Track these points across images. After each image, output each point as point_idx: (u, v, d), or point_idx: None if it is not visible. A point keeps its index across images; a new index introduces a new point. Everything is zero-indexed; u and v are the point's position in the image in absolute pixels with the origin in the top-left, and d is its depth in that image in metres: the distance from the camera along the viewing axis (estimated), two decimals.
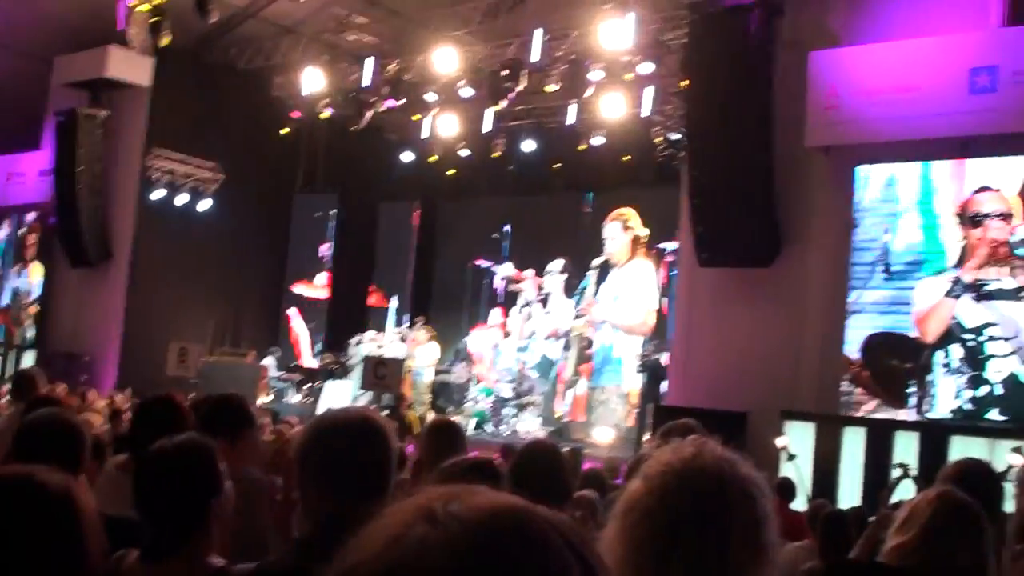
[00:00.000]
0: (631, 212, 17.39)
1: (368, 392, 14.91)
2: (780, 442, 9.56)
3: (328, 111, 17.39)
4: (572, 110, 17.04)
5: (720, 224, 11.45)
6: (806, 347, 11.14)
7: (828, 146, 11.16)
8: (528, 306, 18.79)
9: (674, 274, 14.67)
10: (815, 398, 10.95)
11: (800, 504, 8.17)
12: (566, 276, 18.43)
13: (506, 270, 19.02)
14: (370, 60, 16.41)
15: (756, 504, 1.49)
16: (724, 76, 11.22)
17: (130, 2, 15.53)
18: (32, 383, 5.76)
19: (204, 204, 18.62)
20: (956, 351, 10.14)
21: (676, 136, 16.22)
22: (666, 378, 13.44)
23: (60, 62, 18.29)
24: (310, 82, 16.75)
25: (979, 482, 3.07)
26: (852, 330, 10.82)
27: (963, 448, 8.95)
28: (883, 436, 9.96)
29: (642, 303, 16.80)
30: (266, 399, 16.39)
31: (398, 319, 19.81)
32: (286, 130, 18.40)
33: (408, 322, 19.26)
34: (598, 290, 17.20)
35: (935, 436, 9.61)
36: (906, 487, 6.85)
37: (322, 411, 15.51)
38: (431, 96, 16.43)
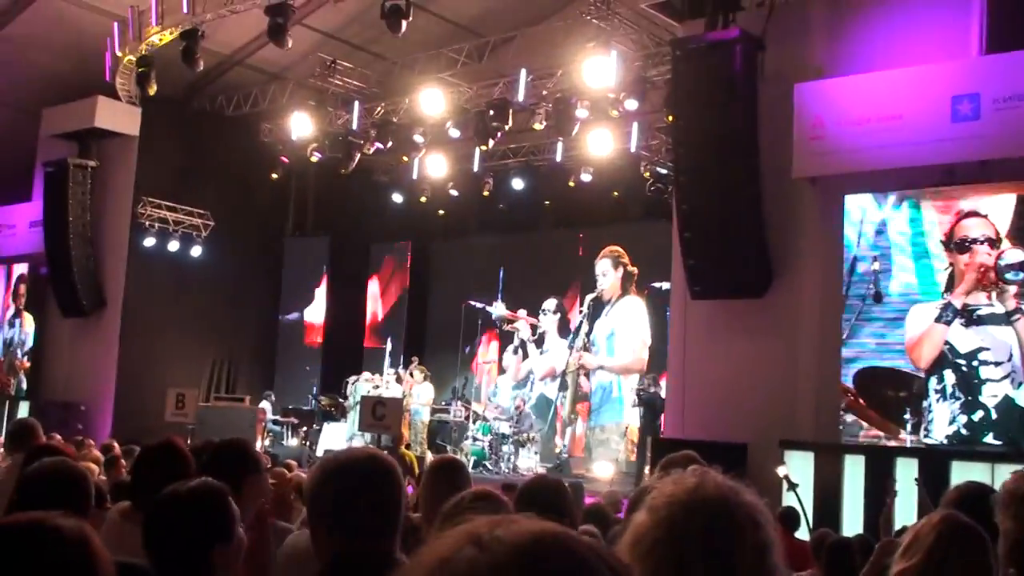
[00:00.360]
0: (621, 250, 17.52)
1: (364, 433, 14.85)
2: (781, 471, 9.53)
3: (316, 155, 17.47)
4: (559, 148, 17.18)
5: (711, 257, 11.50)
6: (802, 376, 11.16)
7: (815, 176, 11.25)
8: (523, 346, 18.79)
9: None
10: (814, 427, 10.96)
11: (803, 533, 8.15)
12: (559, 316, 18.48)
13: (499, 310, 19.03)
14: (357, 104, 16.55)
15: (762, 530, 1.49)
16: (709, 110, 11.33)
17: (117, 53, 15.66)
18: (31, 433, 5.69)
19: (196, 250, 18.64)
20: (950, 376, 10.18)
21: (664, 171, 16.36)
22: (664, 411, 13.43)
23: (48, 113, 18.38)
24: (298, 127, 16.85)
25: (981, 505, 3.08)
26: (848, 358, 10.87)
27: (963, 472, 8.95)
28: (883, 463, 9.96)
29: (635, 340, 16.86)
30: (263, 443, 16.32)
31: (393, 360, 19.79)
32: (275, 175, 18.47)
33: (403, 362, 19.25)
34: (592, 327, 17.23)
35: (935, 461, 9.62)
36: (907, 510, 6.86)
37: (322, 453, 15.49)
38: (419, 138, 16.54)
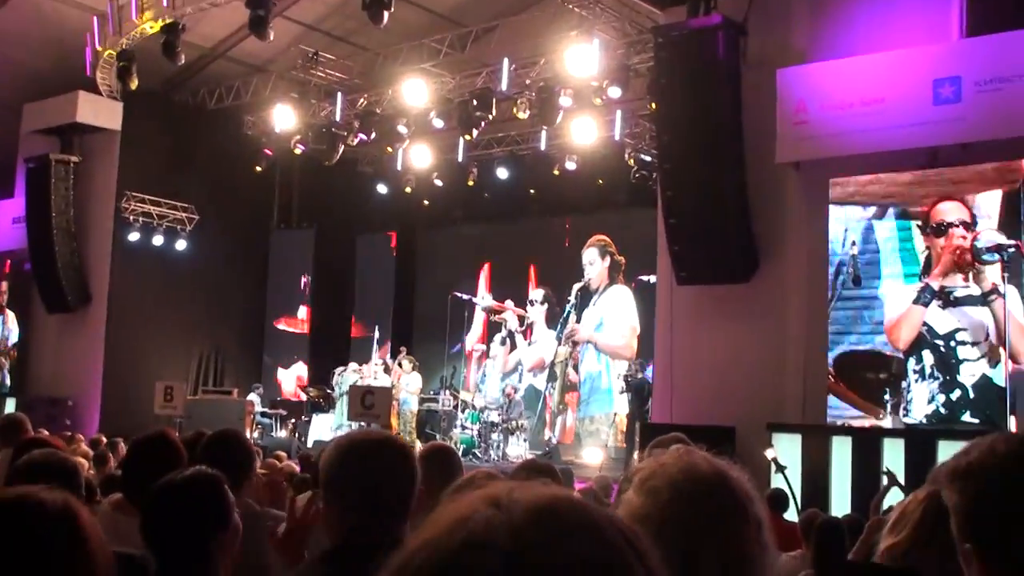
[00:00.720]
0: (608, 239, 17.52)
1: (353, 423, 14.86)
2: (769, 453, 9.62)
3: (300, 147, 17.44)
4: (543, 136, 17.19)
5: (696, 242, 11.54)
6: (789, 360, 11.23)
7: (799, 161, 11.30)
8: (511, 337, 18.76)
9: None
10: (801, 410, 11.04)
11: (791, 515, 8.21)
12: (547, 306, 18.47)
13: (486, 301, 19.01)
14: (339, 95, 16.52)
15: (757, 504, 1.51)
16: (692, 97, 11.35)
17: (97, 47, 15.58)
18: (19, 427, 5.68)
19: (180, 244, 18.59)
20: (928, 357, 10.38)
21: (648, 158, 16.39)
22: (651, 396, 13.49)
23: (29, 109, 18.25)
24: (281, 119, 16.80)
25: None
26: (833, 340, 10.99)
27: (949, 451, 8.96)
28: (870, 444, 10.06)
29: (624, 326, 16.88)
30: (253, 435, 16.30)
31: (380, 345, 19.81)
32: (259, 168, 18.42)
33: (390, 352, 19.26)
34: (580, 316, 17.24)
35: (921, 441, 9.72)
36: (896, 493, 6.92)
37: (312, 444, 15.49)
38: (403, 128, 16.51)
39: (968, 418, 10.05)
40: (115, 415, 16.29)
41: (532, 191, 18.82)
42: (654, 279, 13.25)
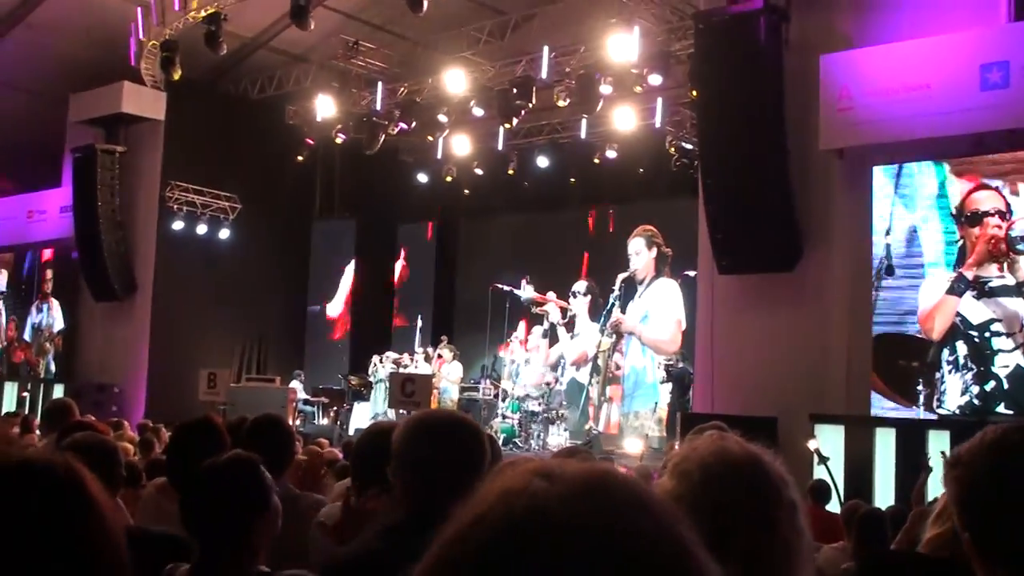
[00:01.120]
0: (655, 229, 17.21)
1: (391, 411, 14.94)
2: (812, 444, 9.53)
3: (341, 137, 17.53)
4: (584, 125, 17.12)
5: (738, 231, 11.44)
6: (832, 349, 11.10)
7: (843, 148, 11.16)
8: (553, 330, 18.51)
9: None
10: (844, 400, 10.92)
11: (834, 507, 8.14)
12: (590, 298, 18.28)
13: (527, 293, 18.86)
14: (380, 84, 16.57)
15: (791, 488, 1.49)
16: (734, 83, 11.25)
17: (141, 38, 15.76)
18: (65, 412, 5.75)
19: (224, 233, 18.79)
20: (962, 348, 10.22)
21: (689, 146, 16.27)
22: (692, 386, 13.40)
23: (75, 100, 18.53)
24: (322, 109, 16.89)
25: None
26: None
27: None
28: (915, 436, 9.93)
29: (670, 321, 16.56)
30: (295, 422, 16.45)
31: (423, 336, 19.89)
32: (301, 157, 18.55)
33: (432, 341, 19.32)
34: (624, 308, 17.04)
35: (967, 433, 9.57)
36: (939, 483, 6.81)
37: (353, 432, 15.57)
38: (443, 117, 16.53)
39: (1002, 409, 9.88)
40: (161, 402, 16.53)
41: (572, 180, 18.75)
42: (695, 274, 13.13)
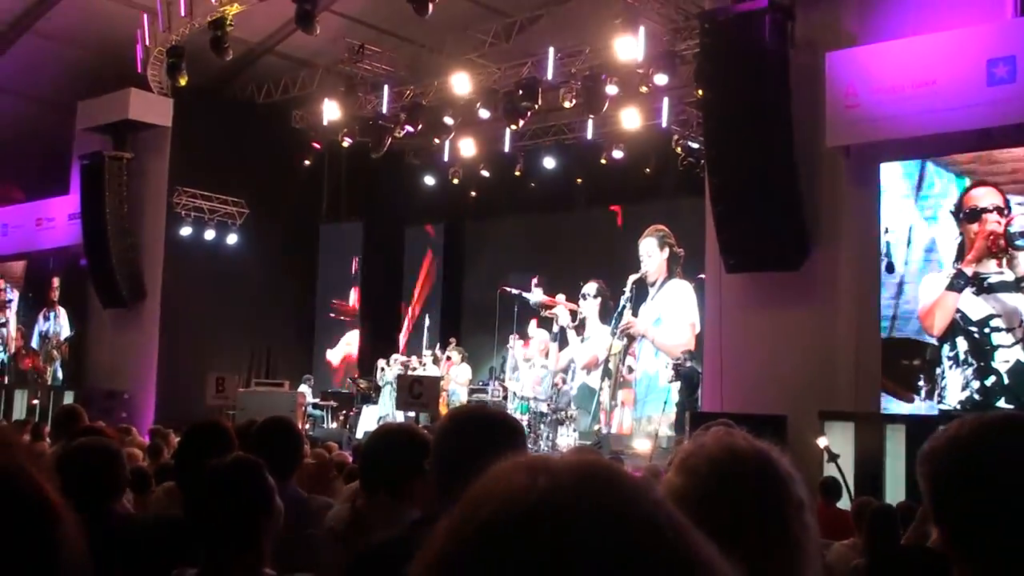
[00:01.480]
0: (667, 229, 17.11)
1: (400, 413, 14.92)
2: (822, 442, 9.50)
3: (348, 140, 17.56)
4: (590, 125, 17.11)
5: (745, 229, 11.42)
6: (841, 347, 11.07)
7: (849, 146, 11.13)
8: (563, 333, 18.41)
9: None
10: (853, 398, 10.89)
11: (844, 504, 8.12)
12: (600, 300, 18.19)
13: (536, 296, 18.79)
14: (386, 88, 16.59)
15: (798, 484, 1.48)
16: (739, 82, 11.24)
17: (147, 44, 15.81)
18: (74, 418, 5.76)
19: (231, 238, 18.83)
20: (962, 343, 10.27)
21: (695, 145, 16.24)
22: (701, 385, 13.37)
23: (83, 107, 18.58)
24: (329, 113, 16.91)
25: None
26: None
27: None
28: (924, 432, 9.88)
29: (684, 323, 16.46)
30: (304, 426, 16.47)
31: (431, 335, 19.89)
32: (308, 161, 18.57)
33: (439, 343, 19.33)
34: (636, 310, 16.90)
35: None
36: None
37: (362, 435, 15.58)
38: (449, 119, 16.54)
39: (1003, 404, 9.89)
40: (170, 407, 16.56)
41: (579, 180, 18.73)
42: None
